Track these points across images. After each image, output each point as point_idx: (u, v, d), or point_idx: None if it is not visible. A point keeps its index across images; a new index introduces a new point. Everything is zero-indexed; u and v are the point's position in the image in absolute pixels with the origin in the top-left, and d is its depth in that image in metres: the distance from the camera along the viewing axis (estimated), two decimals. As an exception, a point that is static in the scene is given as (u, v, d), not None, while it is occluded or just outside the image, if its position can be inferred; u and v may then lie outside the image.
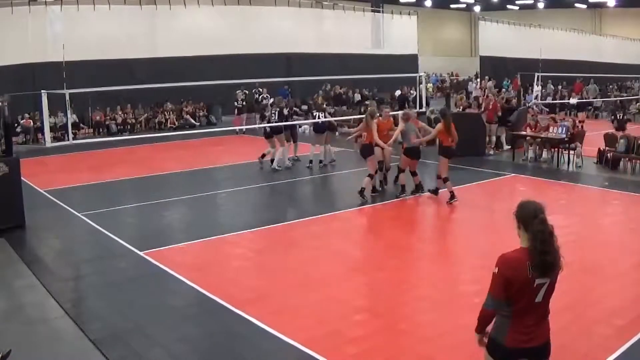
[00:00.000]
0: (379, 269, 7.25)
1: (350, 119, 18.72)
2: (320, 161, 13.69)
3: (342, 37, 24.60)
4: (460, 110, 16.59)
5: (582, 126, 14.29)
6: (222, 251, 8.19)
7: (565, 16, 36.54)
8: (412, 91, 19.57)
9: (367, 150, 10.51)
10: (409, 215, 9.93)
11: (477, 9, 39.36)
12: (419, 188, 10.67)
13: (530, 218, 3.12)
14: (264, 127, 13.71)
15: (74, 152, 15.08)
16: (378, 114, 11.09)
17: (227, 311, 5.94)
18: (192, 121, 22.01)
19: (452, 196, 10.09)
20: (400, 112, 12.08)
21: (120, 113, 21.05)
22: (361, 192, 10.20)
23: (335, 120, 15.31)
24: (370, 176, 10.39)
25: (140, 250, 7.82)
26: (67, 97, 10.94)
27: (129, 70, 20.42)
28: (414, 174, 10.60)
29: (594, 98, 25.10)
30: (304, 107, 15.16)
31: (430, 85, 18.77)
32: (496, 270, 3.13)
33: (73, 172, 13.38)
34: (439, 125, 10.36)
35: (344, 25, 24.94)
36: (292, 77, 22.94)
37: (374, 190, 10.64)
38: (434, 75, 36.29)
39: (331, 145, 13.96)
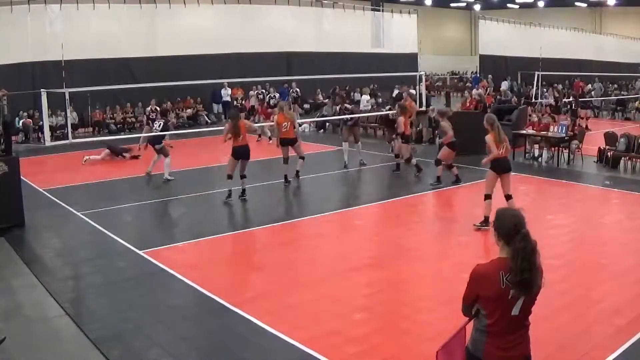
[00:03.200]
0: (378, 268, 7.24)
1: (367, 115, 18.62)
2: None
3: (342, 36, 24.59)
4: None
5: (586, 125, 14.24)
6: (222, 250, 8.19)
7: (565, 15, 36.57)
8: (411, 90, 19.47)
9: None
10: (409, 214, 9.91)
11: (477, 7, 39.38)
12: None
13: (512, 233, 2.96)
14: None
15: (74, 151, 15.05)
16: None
17: (226, 311, 5.92)
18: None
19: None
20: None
21: (119, 112, 21.03)
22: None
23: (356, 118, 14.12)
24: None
25: (140, 250, 7.80)
26: (67, 96, 10.92)
27: (128, 69, 20.43)
28: (450, 166, 11.59)
29: (597, 97, 24.99)
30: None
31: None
32: (468, 282, 3.09)
33: (72, 171, 13.35)
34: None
35: (343, 24, 24.92)
36: (292, 76, 22.92)
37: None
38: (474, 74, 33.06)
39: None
